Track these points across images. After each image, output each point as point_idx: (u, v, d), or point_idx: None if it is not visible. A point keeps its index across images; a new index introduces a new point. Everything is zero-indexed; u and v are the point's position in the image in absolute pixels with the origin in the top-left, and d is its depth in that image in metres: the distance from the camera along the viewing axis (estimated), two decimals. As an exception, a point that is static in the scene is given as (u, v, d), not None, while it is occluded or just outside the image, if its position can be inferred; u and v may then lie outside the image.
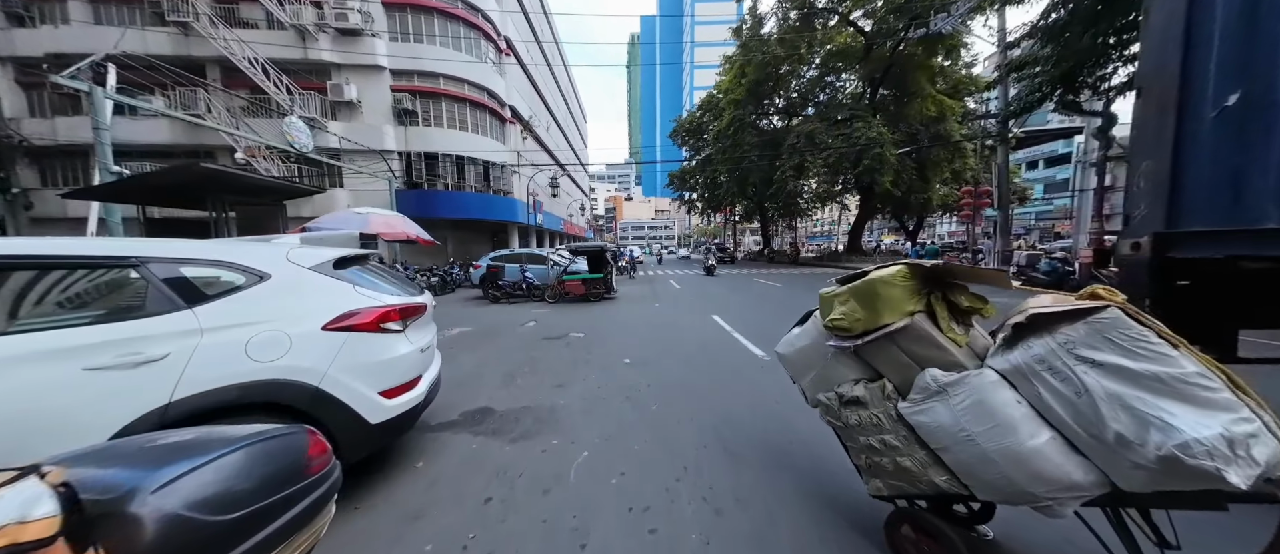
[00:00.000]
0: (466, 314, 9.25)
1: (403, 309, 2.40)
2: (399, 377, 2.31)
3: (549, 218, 28.13)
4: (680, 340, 5.98)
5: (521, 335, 6.69)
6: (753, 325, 6.99)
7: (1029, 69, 11.17)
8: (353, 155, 16.26)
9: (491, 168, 19.14)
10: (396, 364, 2.30)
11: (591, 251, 11.22)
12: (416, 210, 17.57)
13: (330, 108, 16.82)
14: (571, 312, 9.12)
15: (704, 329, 6.81)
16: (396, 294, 2.56)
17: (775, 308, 8.98)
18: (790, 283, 14.86)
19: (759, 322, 7.34)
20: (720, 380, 4.12)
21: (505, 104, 20.38)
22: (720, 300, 10.41)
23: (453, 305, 10.94)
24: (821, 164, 22.26)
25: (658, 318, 8.06)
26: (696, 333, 6.50)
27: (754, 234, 66.36)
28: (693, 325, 7.17)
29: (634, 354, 5.25)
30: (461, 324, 7.89)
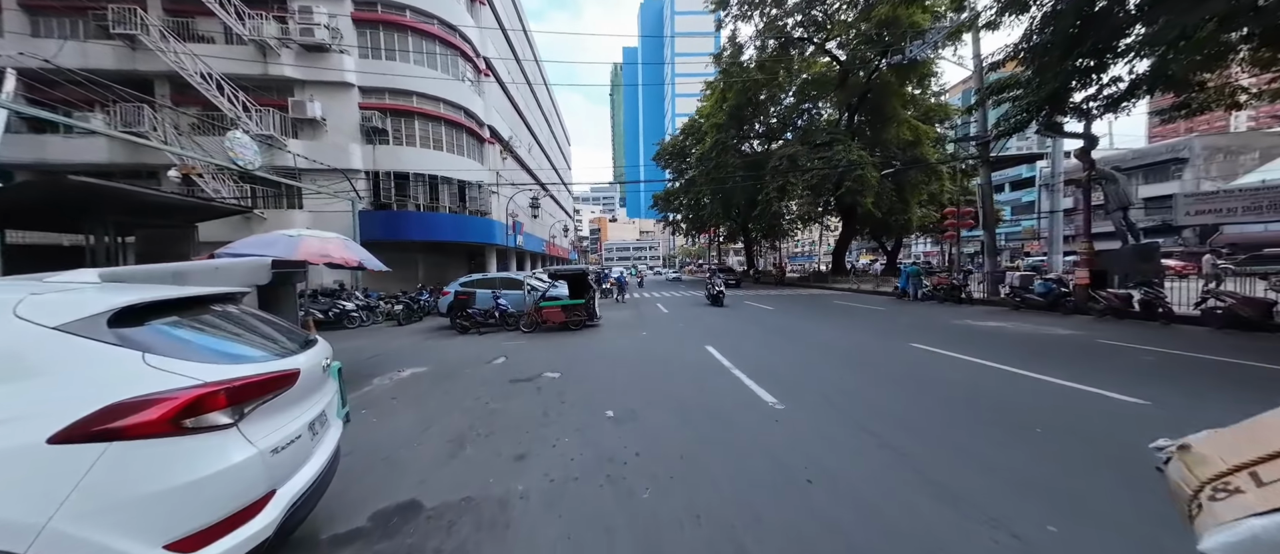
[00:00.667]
0: (426, 349, 8.14)
1: (237, 388, 1.47)
2: (215, 508, 1.36)
3: (530, 239, 27.18)
4: (673, 381, 5.10)
5: (485, 377, 5.67)
6: (754, 359, 6.18)
7: (1011, 91, 11.25)
8: (315, 175, 15.12)
9: (468, 188, 18.25)
10: (211, 487, 1.36)
11: (572, 275, 10.34)
12: (383, 233, 16.41)
13: (291, 125, 15.76)
14: (549, 343, 8.14)
15: (700, 365, 5.96)
16: (235, 360, 1.63)
17: (775, 336, 8.23)
18: (782, 305, 14.26)
19: (759, 354, 6.55)
20: (729, 444, 3.24)
21: (484, 123, 19.74)
22: (712, 327, 9.61)
23: (414, 337, 9.77)
24: (804, 186, 22.31)
25: (646, 350, 7.17)
26: (691, 370, 5.64)
27: (738, 254, 66.99)
28: (686, 359, 6.31)
29: (618, 402, 4.34)
30: (417, 363, 6.80)
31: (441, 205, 17.41)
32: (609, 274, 25.58)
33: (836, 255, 28.31)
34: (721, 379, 5.13)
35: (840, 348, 6.92)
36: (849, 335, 8.12)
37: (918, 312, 11.65)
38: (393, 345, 8.80)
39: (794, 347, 7.09)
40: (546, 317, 9.68)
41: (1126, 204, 12.80)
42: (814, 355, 6.41)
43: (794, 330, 8.84)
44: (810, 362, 5.99)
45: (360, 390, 5.24)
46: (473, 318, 9.96)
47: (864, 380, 4.94)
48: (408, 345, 8.73)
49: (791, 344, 7.32)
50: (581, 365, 6.18)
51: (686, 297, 19.60)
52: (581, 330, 9.69)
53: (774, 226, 34.78)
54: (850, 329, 8.88)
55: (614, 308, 15.17)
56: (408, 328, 11.84)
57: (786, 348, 7.02)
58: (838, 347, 7.03)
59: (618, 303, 16.51)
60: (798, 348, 6.98)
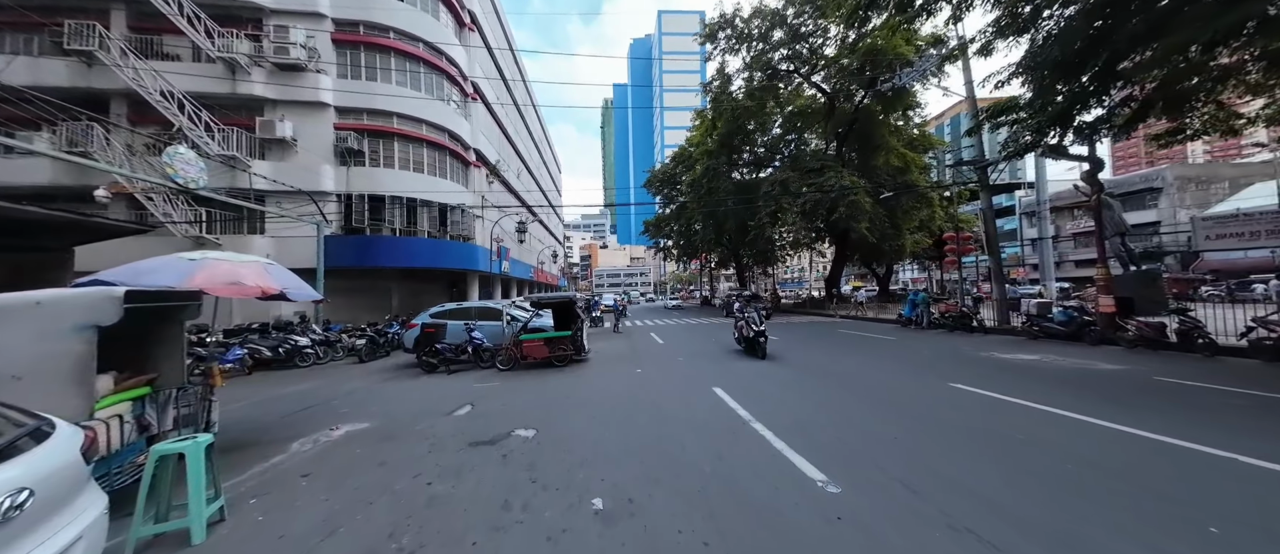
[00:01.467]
0: (378, 395, 6.83)
1: None
2: None
3: (517, 266, 26.04)
4: (681, 443, 3.97)
5: (440, 437, 4.45)
6: (776, 407, 5.08)
7: (1012, 114, 10.98)
8: (281, 197, 13.98)
9: (450, 212, 17.24)
10: None
11: (557, 303, 9.24)
12: (353, 259, 15.16)
13: (258, 145, 14.74)
14: (527, 385, 6.92)
15: (711, 416, 4.84)
16: None
17: (793, 373, 7.16)
18: (786, 335, 13.25)
19: (781, 400, 5.46)
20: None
21: (469, 146, 19.05)
22: (715, 361, 8.51)
23: (372, 378, 8.41)
24: (797, 212, 21.99)
25: (643, 395, 6.01)
26: (702, 425, 4.51)
27: (728, 280, 66.69)
28: (693, 408, 5.18)
29: (609, 480, 3.19)
30: (359, 415, 5.51)
31: (419, 230, 16.31)
32: (599, 301, 24.45)
33: (830, 281, 27.80)
34: (744, 440, 4.01)
35: (871, 389, 5.88)
36: (874, 371, 7.10)
37: (933, 342, 10.77)
38: (341, 389, 7.45)
39: (818, 388, 6.03)
40: (527, 352, 8.48)
41: (1124, 230, 12.50)
42: (846, 401, 5.35)
43: (811, 366, 7.80)
44: (845, 410, 4.93)
45: (267, 462, 3.97)
46: (442, 354, 8.70)
47: (922, 438, 3.89)
48: (359, 389, 7.40)
49: (815, 384, 6.26)
50: (564, 417, 5.00)
51: (681, 324, 18.51)
52: (567, 367, 8.49)
53: (765, 252, 34.54)
54: (872, 363, 7.88)
55: (605, 339, 13.98)
56: (370, 365, 10.46)
57: (810, 389, 5.95)
58: (868, 387, 5.99)
59: (614, 333, 15.32)
60: (824, 389, 5.92)
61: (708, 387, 6.26)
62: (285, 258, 14.93)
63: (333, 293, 15.76)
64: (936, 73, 19.83)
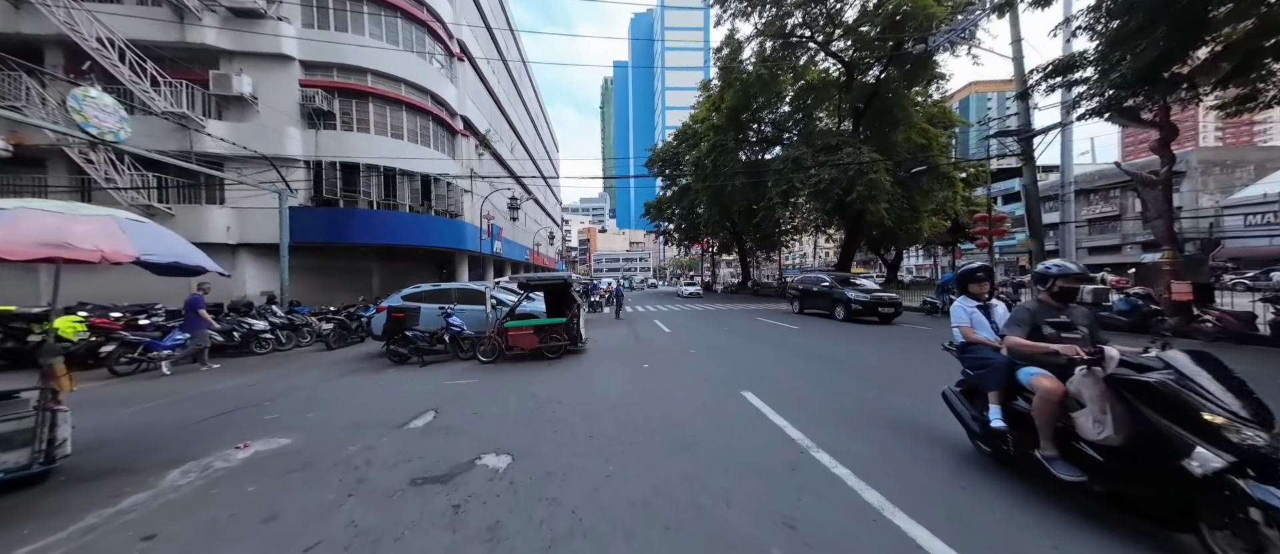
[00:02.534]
0: (321, 395, 5.52)
1: None
2: None
3: (510, 247, 24.57)
4: (723, 495, 2.67)
5: (371, 470, 3.15)
6: (834, 421, 3.79)
7: (1078, 72, 9.46)
8: (242, 165, 12.40)
9: (434, 185, 15.67)
10: None
11: (550, 285, 7.88)
12: (325, 234, 13.69)
13: (213, 104, 13.06)
14: (510, 383, 5.62)
15: (754, 440, 3.53)
16: None
17: (831, 371, 5.88)
18: (804, 323, 12.00)
19: (836, 409, 4.16)
20: None
21: (456, 113, 17.31)
22: (740, 358, 7.22)
23: (330, 369, 7.10)
24: (810, 190, 20.46)
25: (654, 401, 4.72)
26: (746, 460, 3.20)
27: (730, 266, 65.27)
28: (725, 427, 3.87)
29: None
30: (283, 426, 4.21)
31: (400, 203, 14.77)
32: (598, 285, 23.10)
33: (841, 266, 26.46)
34: (815, 484, 2.71)
35: (893, 381, 4.60)
36: (933, 370, 5.83)
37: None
38: (286, 385, 6.14)
39: (877, 394, 4.75)
40: (514, 341, 7.17)
41: None
42: (921, 413, 4.07)
43: (851, 360, 6.52)
44: (898, 419, 3.65)
45: (112, 507, 2.70)
46: (413, 343, 7.38)
47: None
48: (306, 386, 6.09)
49: (868, 388, 4.97)
50: (551, 434, 3.70)
51: (687, 311, 17.24)
52: (560, 360, 7.20)
53: (769, 236, 33.09)
54: (927, 361, 6.59)
55: (605, 326, 12.69)
56: (336, 354, 9.16)
57: (868, 396, 4.66)
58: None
59: (615, 319, 14.02)
60: (883, 396, 4.64)
61: (735, 390, 4.96)
62: (249, 231, 13.49)
63: (302, 272, 14.34)
64: (970, 36, 18.01)
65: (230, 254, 13.15)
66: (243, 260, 13.24)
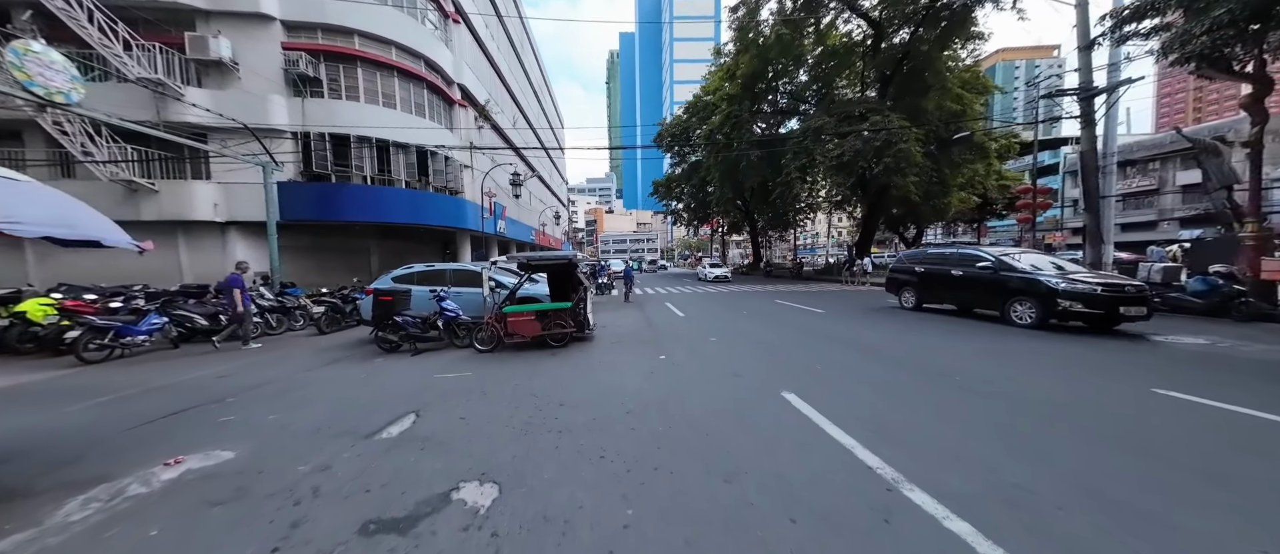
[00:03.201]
0: (289, 392, 4.84)
1: None
2: None
3: (515, 226, 23.73)
4: (778, 543, 1.86)
5: (315, 504, 2.41)
6: (918, 441, 2.95)
7: (1164, 15, 8.05)
8: (226, 136, 11.58)
9: (432, 159, 14.72)
10: None
11: (553, 266, 7.05)
12: (316, 211, 12.94)
13: (192, 70, 12.14)
14: (507, 378, 4.87)
15: (813, 465, 2.71)
16: None
17: (881, 365, 5.02)
18: (831, 306, 11.07)
19: (910, 422, 3.32)
20: None
21: (453, 81, 16.16)
22: (762, 345, 6.39)
23: (317, 357, 6.44)
24: (832, 163, 19.07)
25: (677, 404, 3.92)
26: (806, 489, 2.39)
27: (739, 246, 63.79)
28: (770, 443, 3.06)
29: None
30: (233, 432, 3.51)
31: (395, 178, 13.90)
32: (606, 266, 22.26)
33: (861, 246, 25.19)
34: (916, 539, 1.90)
35: (1041, 404, 3.73)
36: (1018, 369, 4.94)
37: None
38: (259, 376, 5.49)
39: (955, 395, 3.89)
40: (513, 328, 6.41)
41: (1234, 181, 9.88)
42: (1012, 421, 3.21)
43: (902, 350, 5.65)
44: (1033, 442, 2.79)
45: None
46: (405, 329, 6.67)
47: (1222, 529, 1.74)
48: (281, 377, 5.42)
49: (940, 387, 4.11)
50: (552, 452, 2.93)
51: (699, 293, 16.39)
52: (565, 349, 6.44)
53: (783, 215, 31.68)
54: (1002, 357, 5.69)
55: (613, 309, 11.93)
56: (329, 338, 8.57)
57: (947, 400, 3.80)
58: (1034, 401, 3.83)
59: (624, 302, 13.22)
60: (964, 399, 3.78)
61: (772, 389, 4.14)
62: (238, 208, 12.79)
63: (296, 252, 13.71)
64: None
65: (219, 233, 12.53)
66: (232, 239, 12.62)
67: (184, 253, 12.34)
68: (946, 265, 9.02)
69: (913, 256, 10.61)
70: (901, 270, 10.39)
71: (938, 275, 9.19)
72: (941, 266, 9.15)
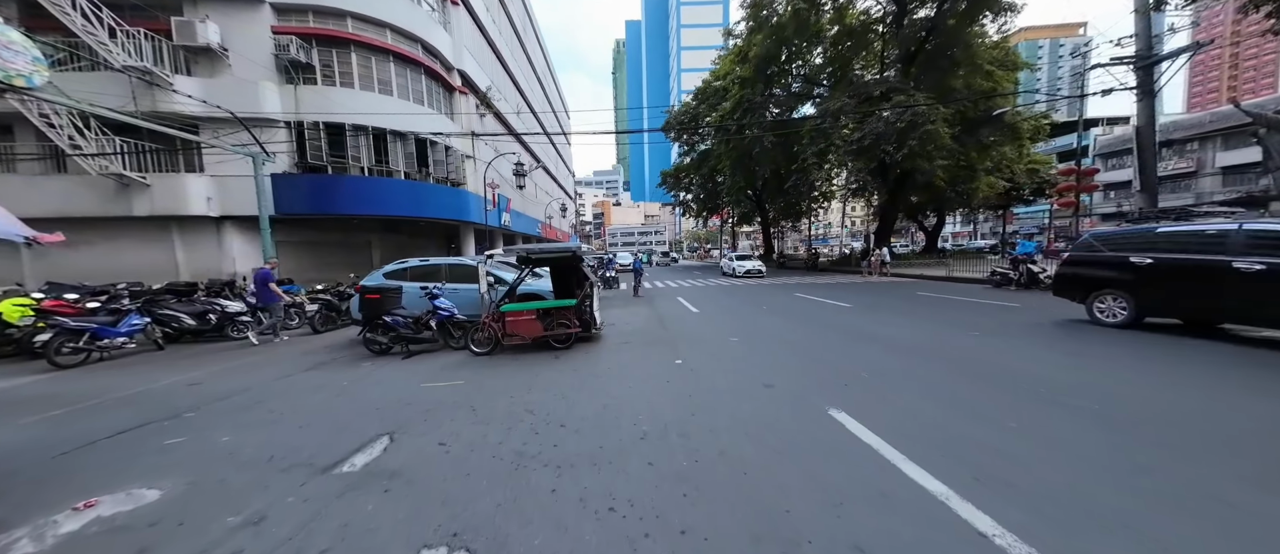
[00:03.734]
0: (264, 403, 4.28)
1: None
2: None
3: (520, 219, 23.16)
4: None
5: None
6: (1025, 471, 2.21)
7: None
8: (217, 126, 11.10)
9: (431, 149, 14.12)
10: None
11: (556, 259, 6.40)
12: (310, 204, 12.46)
13: (180, 58, 11.64)
14: (503, 386, 4.25)
15: (892, 521, 2.00)
16: None
17: (944, 374, 4.27)
18: (859, 300, 10.25)
19: (1017, 448, 2.58)
20: None
21: (452, 66, 15.47)
22: (791, 346, 5.67)
23: (294, 362, 5.91)
24: (853, 148, 18.00)
25: (698, 426, 3.24)
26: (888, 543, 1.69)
27: (749, 238, 62.47)
28: (827, 481, 2.36)
29: None
30: (166, 466, 2.94)
31: (393, 169, 13.34)
32: (614, 259, 21.56)
33: (881, 235, 24.06)
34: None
35: (1153, 428, 2.96)
36: (1109, 379, 4.15)
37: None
38: (230, 384, 4.96)
39: (1035, 415, 3.14)
40: (512, 328, 5.79)
41: None
42: (1129, 459, 2.46)
43: (958, 351, 4.88)
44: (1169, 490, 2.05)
45: None
46: (396, 330, 6.09)
47: None
48: (254, 385, 4.88)
49: (1028, 404, 3.36)
50: (545, 500, 2.28)
51: (714, 287, 15.64)
52: (569, 350, 5.80)
53: (796, 205, 30.56)
54: (1083, 360, 4.89)
55: (622, 304, 11.28)
56: (322, 338, 8.09)
57: (1038, 420, 3.06)
58: (1147, 421, 3.07)
59: (634, 297, 12.55)
60: (1068, 420, 3.03)
61: (817, 405, 3.44)
62: (233, 202, 12.34)
63: (294, 247, 13.31)
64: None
65: (214, 228, 12.14)
66: (228, 235, 12.23)
67: (180, 249, 11.99)
68: (1216, 251, 5.05)
69: (1120, 238, 6.13)
70: (1098, 261, 6.21)
71: (1190, 270, 5.26)
72: (1205, 254, 5.15)
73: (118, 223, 11.57)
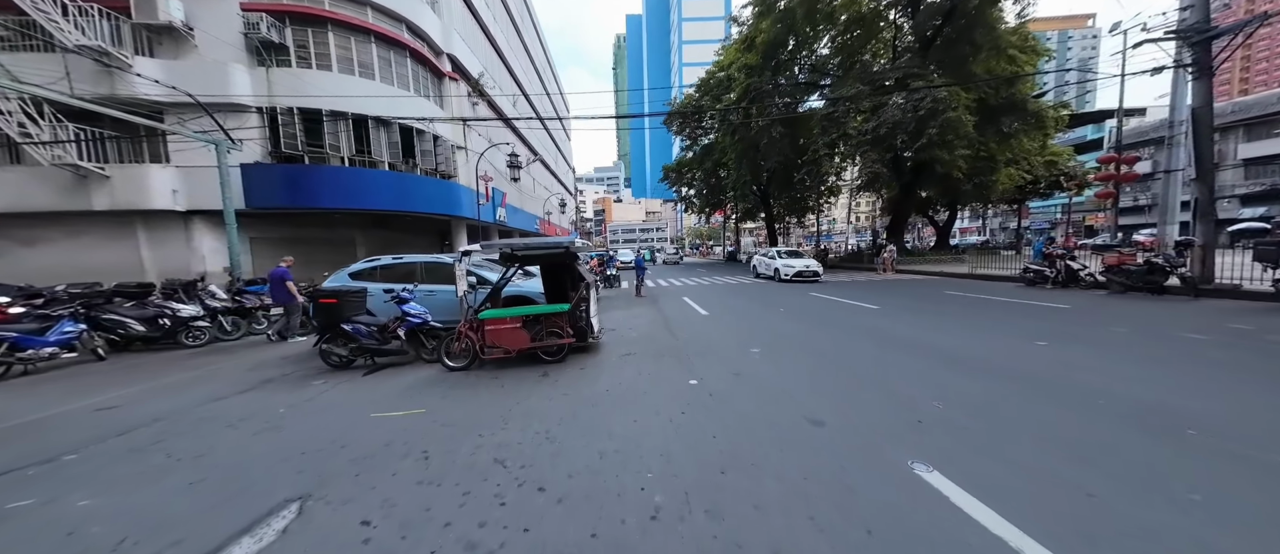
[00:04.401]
0: (165, 442, 3.37)
1: None
2: None
3: (517, 215, 22.21)
4: None
5: None
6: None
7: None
8: (183, 112, 10.17)
9: (418, 139, 13.16)
10: None
11: (546, 256, 5.47)
12: (286, 197, 11.53)
13: (143, 37, 10.70)
14: (471, 420, 3.34)
15: None
16: None
17: (1032, 397, 3.33)
18: (885, 300, 9.29)
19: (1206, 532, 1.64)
20: None
21: (441, 50, 14.48)
22: (828, 361, 4.74)
23: (240, 377, 5.00)
24: (869, 137, 16.99)
25: (736, 498, 2.33)
26: None
27: (753, 234, 61.35)
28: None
29: None
30: (8, 541, 2.02)
31: (377, 160, 12.39)
32: (615, 257, 20.61)
33: (894, 230, 23.05)
34: None
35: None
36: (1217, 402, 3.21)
37: (1157, 314, 6.66)
38: (142, 412, 4.06)
39: (1215, 477, 2.19)
40: (493, 339, 4.87)
41: None
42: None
43: (1049, 378, 3.94)
44: None
45: None
46: (357, 339, 5.18)
47: None
48: (176, 411, 3.98)
49: (1168, 454, 2.42)
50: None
51: (719, 285, 14.68)
52: (561, 365, 4.89)
53: (803, 200, 29.56)
54: (1176, 374, 3.95)
55: (623, 305, 10.35)
56: (290, 345, 7.19)
57: (1221, 497, 2.11)
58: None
59: (636, 297, 11.59)
60: (1256, 494, 2.08)
61: (891, 458, 2.51)
62: (201, 196, 11.25)
63: (270, 244, 12.38)
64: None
65: (181, 223, 11.23)
66: (197, 231, 11.33)
67: (145, 247, 11.10)
68: None
69: None
70: None
71: None
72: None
73: (78, 218, 10.69)
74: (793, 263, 14.75)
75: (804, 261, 14.94)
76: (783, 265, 14.77)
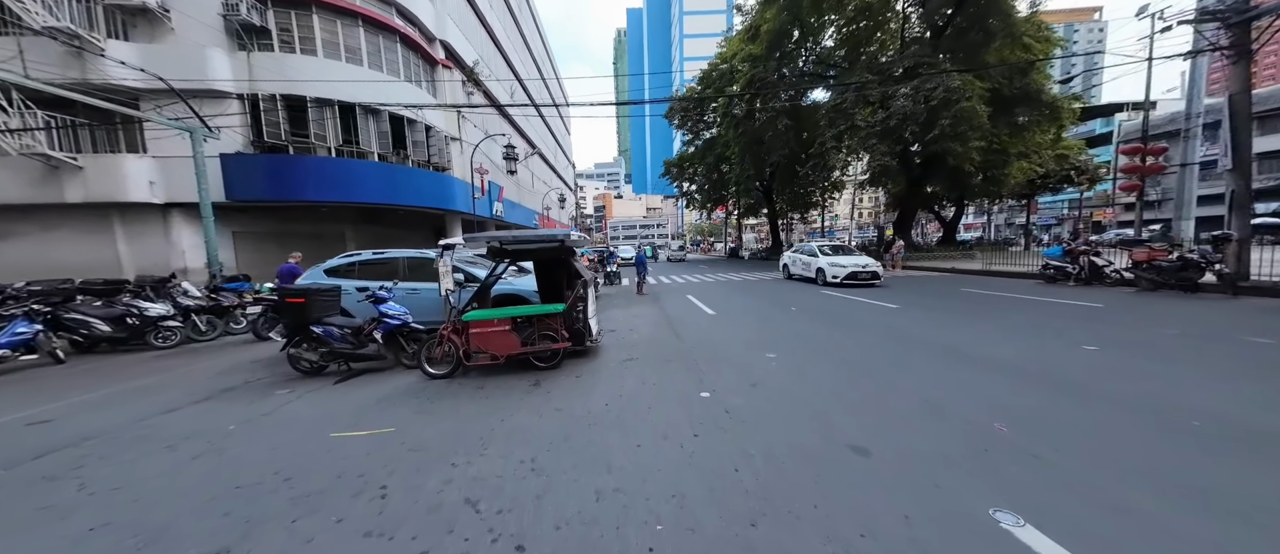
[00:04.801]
0: (88, 471, 2.85)
1: None
2: None
3: (515, 210, 21.64)
4: None
5: None
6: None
7: None
8: (159, 99, 9.61)
9: (409, 128, 12.59)
10: None
11: (538, 250, 4.95)
12: (268, 189, 10.98)
13: (116, 20, 10.11)
14: (445, 445, 2.83)
15: None
16: None
17: (1107, 412, 2.81)
18: (892, 294, 8.75)
19: None
20: None
21: (434, 37, 13.87)
22: (851, 367, 4.24)
23: (208, 383, 4.49)
24: (878, 129, 16.38)
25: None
26: None
27: (754, 230, 60.65)
28: None
29: None
30: None
31: (365, 149, 11.83)
32: (616, 253, 20.06)
33: (901, 226, 22.49)
34: None
35: None
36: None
37: (1201, 314, 6.13)
38: (76, 427, 3.56)
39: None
40: (479, 342, 4.35)
41: None
42: None
43: (1127, 394, 3.43)
44: None
45: None
46: (329, 342, 4.67)
47: None
48: (110, 429, 3.48)
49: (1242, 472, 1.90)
50: None
51: (722, 281, 14.16)
52: (555, 372, 4.38)
53: (805, 196, 28.99)
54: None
55: (624, 303, 9.83)
56: (264, 347, 6.67)
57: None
58: None
59: (638, 295, 11.05)
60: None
61: (967, 503, 1.99)
62: (180, 188, 10.54)
63: (254, 239, 11.85)
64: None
65: (159, 217, 10.70)
66: (176, 225, 10.80)
67: (122, 241, 10.58)
68: None
69: None
70: None
71: None
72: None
73: (52, 211, 10.16)
74: (842, 262, 11.34)
75: (857, 260, 11.45)
76: (828, 265, 11.43)
